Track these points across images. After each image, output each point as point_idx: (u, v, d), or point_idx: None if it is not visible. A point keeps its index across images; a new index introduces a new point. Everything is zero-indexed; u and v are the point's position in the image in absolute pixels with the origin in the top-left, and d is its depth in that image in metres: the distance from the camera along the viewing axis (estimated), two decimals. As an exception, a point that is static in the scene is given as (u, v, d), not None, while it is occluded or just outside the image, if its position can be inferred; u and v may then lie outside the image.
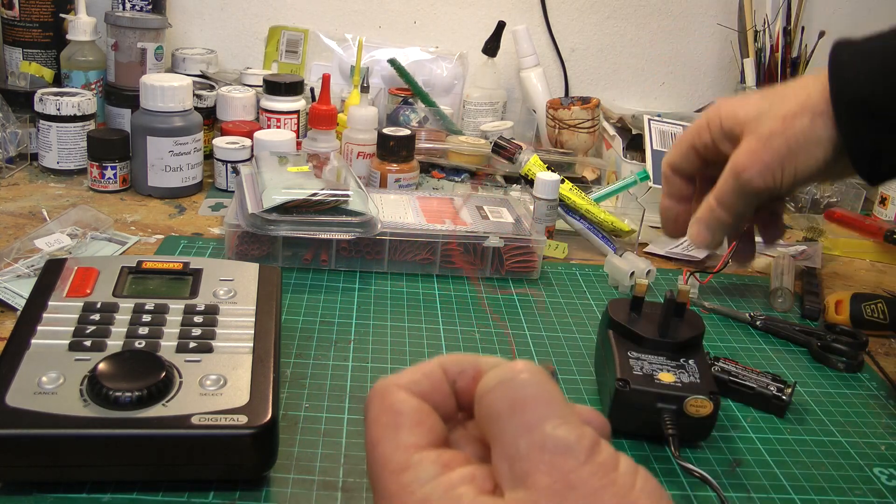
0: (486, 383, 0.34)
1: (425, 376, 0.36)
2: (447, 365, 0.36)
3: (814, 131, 0.57)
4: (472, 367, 0.36)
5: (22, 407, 0.45)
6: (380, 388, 0.37)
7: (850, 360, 0.68)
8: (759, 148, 0.59)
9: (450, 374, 0.36)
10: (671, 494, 0.51)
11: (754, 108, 0.61)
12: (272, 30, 1.25)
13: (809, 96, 0.58)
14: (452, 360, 0.37)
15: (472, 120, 1.19)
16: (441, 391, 0.36)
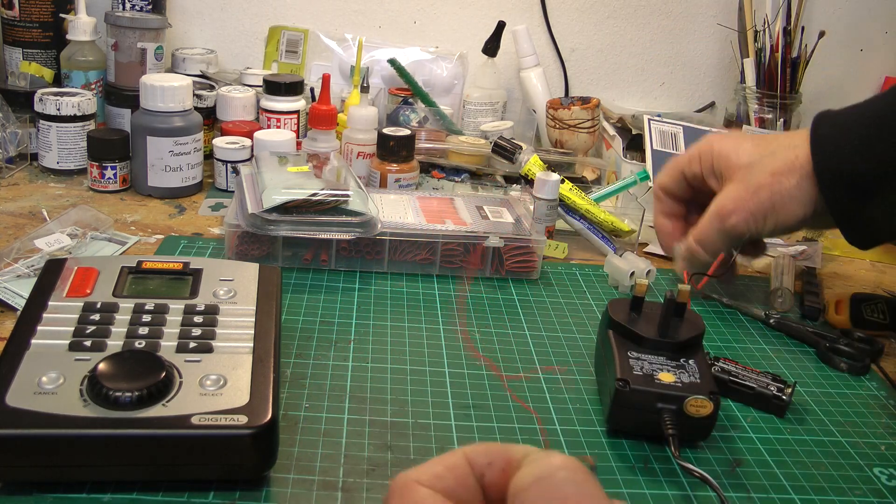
0: (521, 481, 0.31)
1: (449, 470, 0.33)
2: (473, 456, 0.33)
3: (799, 192, 0.63)
4: (501, 458, 0.33)
5: (22, 407, 0.45)
6: (399, 485, 0.33)
7: (854, 363, 0.68)
8: (747, 197, 0.64)
9: (476, 467, 0.33)
10: (671, 495, 0.51)
11: (746, 156, 0.65)
12: (272, 30, 1.25)
13: (797, 157, 0.63)
14: (479, 450, 0.34)
15: (472, 120, 1.19)
16: (467, 486, 0.33)
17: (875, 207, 0.61)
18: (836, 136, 0.62)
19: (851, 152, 0.61)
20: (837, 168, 0.61)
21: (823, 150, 0.62)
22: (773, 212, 0.64)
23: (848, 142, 0.61)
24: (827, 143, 0.62)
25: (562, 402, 0.59)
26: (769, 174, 0.63)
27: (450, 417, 0.56)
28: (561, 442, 0.54)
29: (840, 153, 0.61)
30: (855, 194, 0.61)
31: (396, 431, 0.54)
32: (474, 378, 0.61)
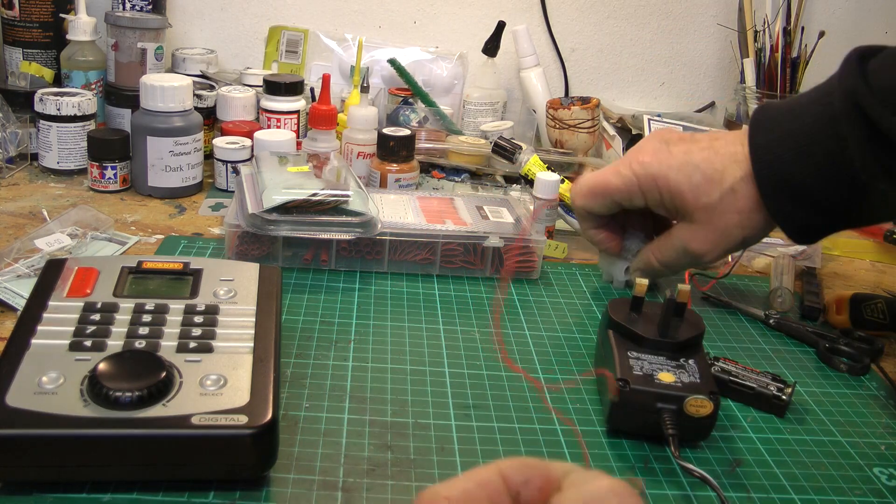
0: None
1: (481, 487, 0.31)
2: (508, 472, 0.31)
3: (767, 222, 0.64)
4: (539, 476, 0.31)
5: (22, 407, 0.45)
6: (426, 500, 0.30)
7: (854, 363, 0.68)
8: (719, 239, 0.66)
9: (511, 485, 0.31)
10: (671, 495, 0.51)
11: (705, 196, 0.65)
12: (272, 30, 1.25)
13: (751, 189, 0.63)
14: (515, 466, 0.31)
15: (472, 120, 1.19)
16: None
17: (814, 215, 0.63)
18: (773, 146, 0.62)
19: (789, 164, 0.62)
20: (778, 178, 0.62)
21: (762, 161, 0.63)
22: (743, 243, 0.67)
23: (785, 150, 0.62)
24: (764, 152, 0.63)
25: (562, 402, 0.59)
26: (736, 213, 0.64)
27: (450, 417, 0.56)
28: (561, 442, 0.54)
29: (778, 164, 0.62)
30: (796, 202, 0.62)
31: (396, 431, 0.54)
32: (474, 378, 0.61)
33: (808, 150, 0.60)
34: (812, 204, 0.62)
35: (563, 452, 0.53)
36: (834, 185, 0.60)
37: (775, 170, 0.62)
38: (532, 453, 0.53)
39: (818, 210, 0.62)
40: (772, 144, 0.62)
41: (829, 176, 0.60)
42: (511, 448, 0.53)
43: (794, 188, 0.61)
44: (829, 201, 0.61)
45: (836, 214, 0.63)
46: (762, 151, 0.63)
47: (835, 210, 0.62)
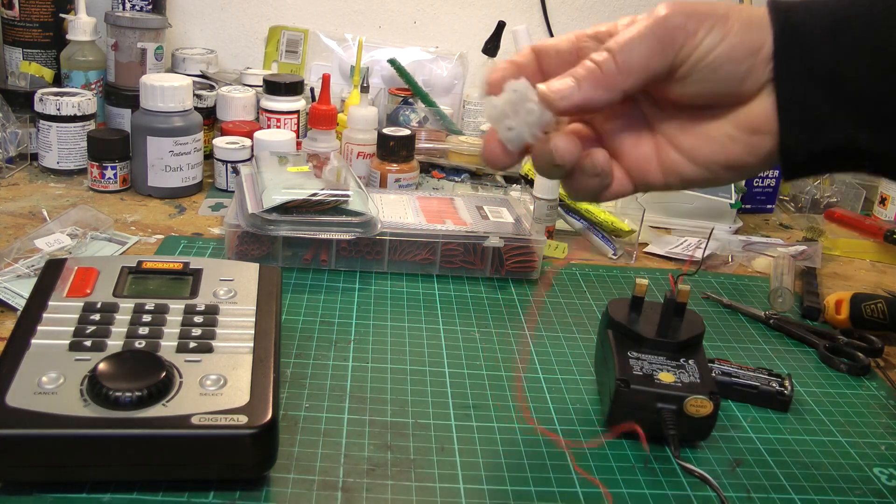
0: None
1: None
2: None
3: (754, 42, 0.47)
4: None
5: (22, 407, 0.45)
6: None
7: (854, 363, 0.68)
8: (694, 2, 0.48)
9: None
10: (671, 495, 0.51)
11: None
12: (272, 30, 1.25)
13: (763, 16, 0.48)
14: None
15: (472, 120, 1.19)
16: None
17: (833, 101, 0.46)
18: (798, 14, 0.47)
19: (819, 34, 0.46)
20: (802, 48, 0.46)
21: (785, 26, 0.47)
22: (725, 20, 0.47)
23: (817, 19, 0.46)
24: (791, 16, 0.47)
25: (562, 402, 0.59)
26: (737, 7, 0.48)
27: (450, 417, 0.56)
28: (561, 442, 0.54)
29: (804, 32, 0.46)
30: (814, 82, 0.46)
31: (396, 431, 0.54)
32: (474, 378, 0.61)
33: (845, 24, 0.46)
34: (837, 88, 0.46)
35: (563, 452, 0.53)
36: (872, 70, 0.45)
37: (797, 43, 0.46)
38: (532, 453, 0.53)
39: (841, 97, 0.46)
40: (798, 13, 0.47)
41: (866, 57, 0.45)
42: (511, 448, 0.53)
43: (819, 66, 0.46)
44: (860, 87, 0.45)
45: (866, 110, 0.45)
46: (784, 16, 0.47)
47: (865, 102, 0.45)
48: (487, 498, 0.49)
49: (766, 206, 1.08)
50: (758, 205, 1.07)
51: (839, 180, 1.12)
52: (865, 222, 1.04)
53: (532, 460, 0.52)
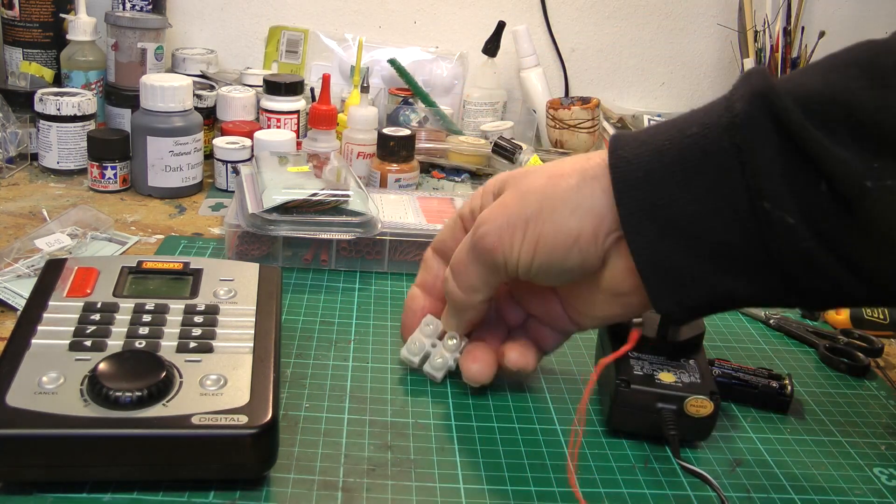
0: None
1: None
2: None
3: (578, 194, 0.46)
4: None
5: (22, 407, 0.45)
6: None
7: (854, 363, 0.68)
8: (509, 202, 0.49)
9: None
10: (671, 495, 0.51)
11: (526, 174, 0.50)
12: (272, 30, 1.25)
13: (589, 159, 0.48)
14: None
15: (472, 120, 1.19)
16: None
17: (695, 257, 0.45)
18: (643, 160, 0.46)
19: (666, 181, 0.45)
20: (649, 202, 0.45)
21: (628, 179, 0.46)
22: (537, 219, 0.47)
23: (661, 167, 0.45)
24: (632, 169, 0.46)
25: (562, 402, 0.59)
26: (546, 177, 0.48)
27: (450, 417, 0.56)
28: (561, 442, 0.54)
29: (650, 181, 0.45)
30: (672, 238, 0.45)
31: (396, 431, 0.54)
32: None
33: (693, 168, 0.44)
34: (695, 242, 0.44)
35: (563, 452, 0.53)
36: (728, 216, 0.43)
37: (642, 191, 0.45)
38: (532, 453, 0.53)
39: (703, 252, 0.44)
40: (640, 158, 0.45)
41: (721, 204, 0.43)
42: (511, 448, 0.53)
43: (667, 218, 0.44)
44: (719, 239, 0.44)
45: (728, 263, 0.44)
46: (625, 167, 0.45)
47: (726, 255, 0.44)
48: (487, 498, 0.49)
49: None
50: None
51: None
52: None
53: (532, 460, 0.52)
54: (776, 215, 0.42)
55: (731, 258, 0.44)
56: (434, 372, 0.59)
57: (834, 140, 0.41)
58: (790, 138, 0.41)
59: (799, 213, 0.41)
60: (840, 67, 0.42)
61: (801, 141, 0.41)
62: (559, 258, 0.48)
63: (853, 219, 0.41)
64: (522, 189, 0.49)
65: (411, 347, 0.59)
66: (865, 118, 0.40)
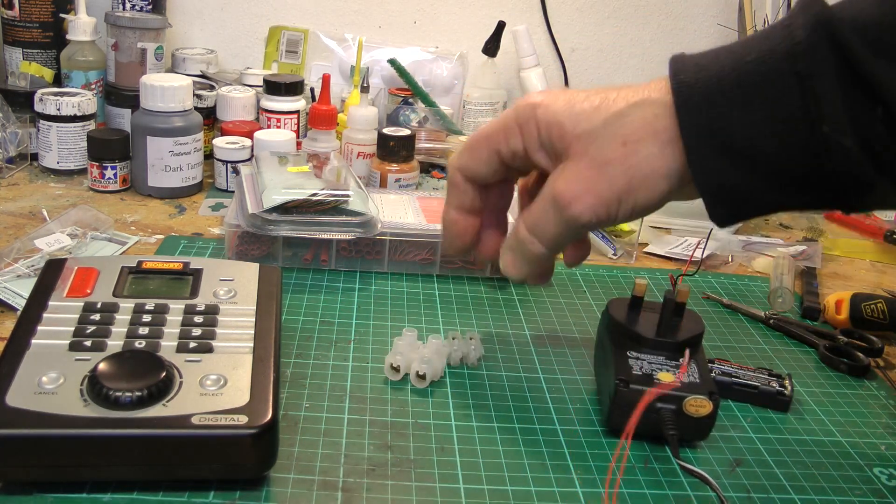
0: None
1: None
2: None
3: (662, 163, 0.47)
4: None
5: (22, 407, 0.45)
6: None
7: (854, 363, 0.68)
8: (593, 177, 0.49)
9: None
10: (671, 495, 0.51)
11: (586, 121, 0.49)
12: (272, 30, 1.25)
13: (656, 117, 0.48)
14: None
15: (472, 120, 1.19)
16: None
17: (751, 176, 0.46)
18: (704, 84, 0.47)
19: (726, 105, 0.46)
20: (708, 126, 0.46)
21: (689, 103, 0.47)
22: (628, 193, 0.48)
23: (721, 92, 0.46)
24: (694, 93, 0.47)
25: (562, 402, 0.59)
26: (620, 144, 0.48)
27: (450, 417, 0.56)
28: (561, 442, 0.54)
29: (711, 105, 0.46)
30: (730, 159, 0.46)
31: (396, 431, 0.54)
32: (474, 378, 0.61)
33: (753, 92, 0.45)
34: (751, 162, 0.46)
35: (563, 452, 0.53)
36: (785, 139, 0.45)
37: (703, 112, 0.46)
38: (532, 453, 0.53)
39: (758, 170, 0.46)
40: (701, 83, 0.46)
41: (779, 128, 0.45)
42: (511, 448, 0.53)
43: (727, 139, 0.46)
44: (775, 160, 0.46)
45: (782, 181, 0.46)
46: (686, 91, 0.47)
47: (781, 173, 0.46)
48: (487, 498, 0.49)
49: (766, 206, 1.07)
50: (758, 205, 1.07)
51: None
52: (865, 222, 1.04)
53: (532, 460, 0.52)
54: (834, 139, 0.44)
55: (788, 177, 0.46)
56: (420, 382, 0.59)
57: (892, 67, 0.42)
58: (850, 66, 0.43)
59: (856, 136, 0.43)
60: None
61: (860, 68, 0.43)
62: (654, 208, 0.50)
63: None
64: (600, 160, 0.48)
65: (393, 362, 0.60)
66: None
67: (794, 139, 0.45)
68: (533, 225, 0.52)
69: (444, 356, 0.61)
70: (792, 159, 0.45)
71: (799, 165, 0.45)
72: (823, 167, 0.45)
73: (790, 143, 0.45)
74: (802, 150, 0.45)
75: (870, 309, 0.74)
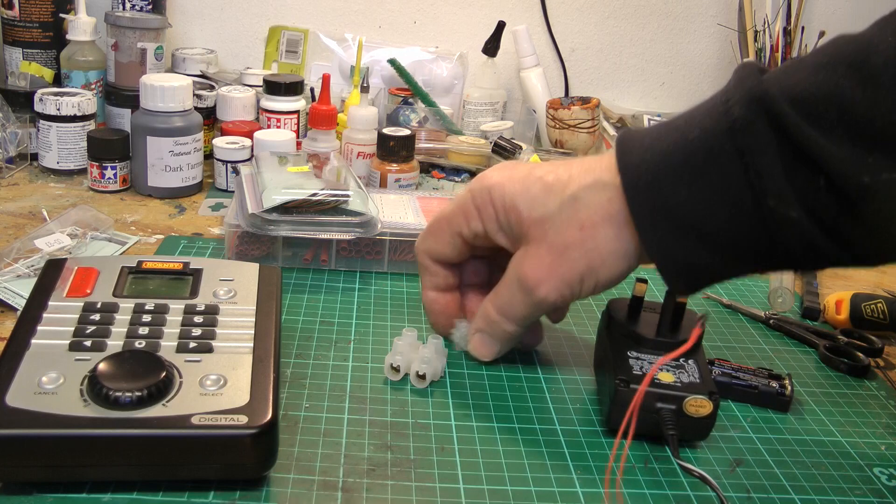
0: None
1: None
2: None
3: (619, 245, 0.50)
4: None
5: (22, 407, 0.45)
6: None
7: (854, 363, 0.68)
8: (554, 262, 0.51)
9: None
10: (671, 495, 0.51)
11: (541, 206, 0.52)
12: (272, 30, 1.25)
13: (609, 200, 0.50)
14: None
15: (472, 120, 1.19)
16: None
17: (705, 251, 0.48)
18: (650, 164, 0.48)
19: (673, 184, 0.47)
20: (658, 205, 0.48)
21: (638, 185, 0.48)
22: (590, 274, 0.51)
23: (667, 172, 0.48)
24: (641, 174, 0.48)
25: (562, 402, 0.59)
26: (577, 229, 0.50)
27: (450, 417, 0.56)
28: (561, 442, 0.54)
29: (659, 185, 0.48)
30: (682, 237, 0.48)
31: (396, 431, 0.54)
32: (474, 378, 0.61)
33: (698, 170, 0.46)
34: (703, 238, 0.47)
35: (563, 452, 0.53)
36: (733, 214, 0.46)
37: (652, 193, 0.48)
38: (532, 453, 0.53)
39: (710, 245, 0.47)
40: (647, 163, 0.48)
41: (727, 203, 0.46)
42: (511, 448, 0.53)
43: (677, 217, 0.47)
44: (726, 234, 0.47)
45: (736, 253, 0.48)
46: (634, 172, 0.48)
47: (734, 247, 0.48)
48: (487, 498, 0.49)
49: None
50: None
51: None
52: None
53: (532, 460, 0.52)
54: (780, 211, 0.45)
55: (740, 250, 0.48)
56: (419, 382, 0.59)
57: (829, 139, 0.43)
58: (788, 139, 0.44)
59: (802, 208, 0.44)
60: (829, 66, 0.45)
61: (798, 141, 0.44)
62: (615, 283, 0.53)
63: (852, 210, 0.44)
64: (559, 246, 0.51)
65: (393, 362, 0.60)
66: (857, 116, 0.43)
67: (743, 214, 0.46)
68: (501, 307, 0.56)
69: (444, 356, 0.61)
70: (742, 233, 0.47)
71: (750, 238, 0.47)
72: (774, 238, 0.46)
73: (739, 218, 0.46)
74: (751, 223, 0.46)
75: (870, 309, 0.74)
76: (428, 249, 0.60)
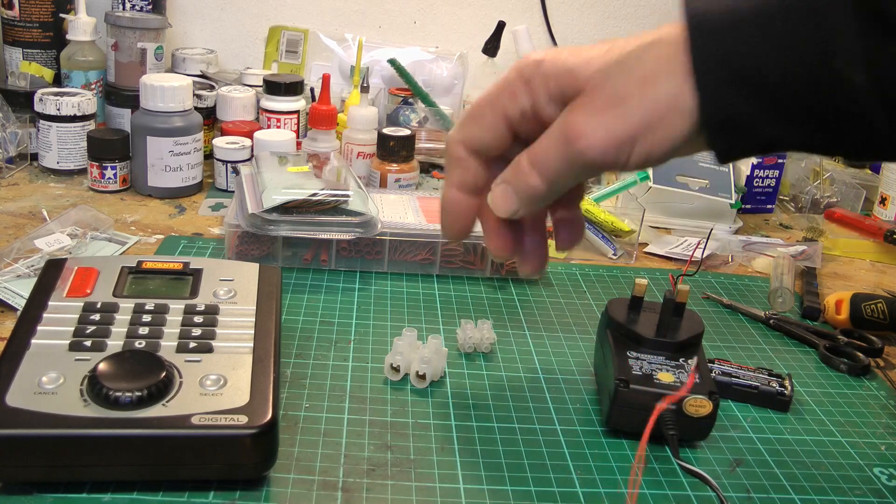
0: None
1: None
2: None
3: (681, 99, 0.45)
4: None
5: (22, 407, 0.45)
6: None
7: (854, 363, 0.68)
8: (607, 113, 0.45)
9: None
10: (671, 495, 0.51)
11: (597, 59, 0.46)
12: (272, 30, 1.25)
13: (673, 53, 0.45)
14: None
15: (472, 120, 1.19)
16: None
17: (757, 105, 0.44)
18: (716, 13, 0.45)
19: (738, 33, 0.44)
20: (719, 53, 0.44)
21: (702, 30, 0.44)
22: (645, 133, 0.45)
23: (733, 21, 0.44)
24: (706, 21, 0.45)
25: (562, 402, 0.59)
26: (638, 80, 0.45)
27: (450, 417, 0.56)
28: (561, 442, 0.54)
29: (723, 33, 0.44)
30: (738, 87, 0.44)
31: (396, 431, 0.54)
32: (474, 378, 0.61)
33: (766, 23, 0.44)
34: (758, 91, 0.44)
35: (563, 452, 0.53)
36: (795, 72, 0.43)
37: (714, 39, 0.44)
38: (532, 453, 0.53)
39: (762, 100, 0.44)
40: (713, 12, 0.44)
41: (791, 58, 0.43)
42: (511, 448, 0.53)
43: (736, 67, 0.44)
44: (782, 90, 0.44)
45: (787, 114, 0.44)
46: (699, 18, 0.45)
47: (787, 107, 0.44)
48: (487, 498, 0.49)
49: (766, 206, 1.08)
50: (758, 205, 1.07)
51: (839, 180, 1.12)
52: (865, 222, 1.04)
53: (532, 460, 0.52)
54: (846, 75, 0.42)
55: (792, 112, 0.44)
56: (419, 382, 0.59)
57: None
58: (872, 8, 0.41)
59: (868, 73, 0.42)
60: None
61: (878, 2, 0.41)
62: (668, 155, 0.47)
63: None
64: (615, 97, 0.46)
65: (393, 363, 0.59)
66: None
67: (805, 72, 0.43)
68: (535, 156, 0.48)
69: (444, 356, 0.61)
70: (800, 92, 0.43)
71: (806, 101, 0.44)
72: (830, 103, 0.43)
73: (801, 76, 0.43)
74: (811, 83, 0.43)
75: (870, 309, 0.74)
76: (465, 137, 0.52)
